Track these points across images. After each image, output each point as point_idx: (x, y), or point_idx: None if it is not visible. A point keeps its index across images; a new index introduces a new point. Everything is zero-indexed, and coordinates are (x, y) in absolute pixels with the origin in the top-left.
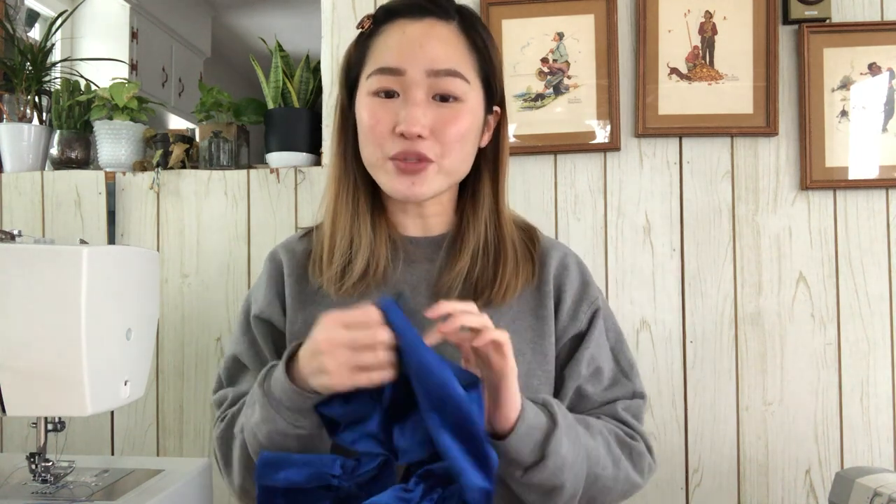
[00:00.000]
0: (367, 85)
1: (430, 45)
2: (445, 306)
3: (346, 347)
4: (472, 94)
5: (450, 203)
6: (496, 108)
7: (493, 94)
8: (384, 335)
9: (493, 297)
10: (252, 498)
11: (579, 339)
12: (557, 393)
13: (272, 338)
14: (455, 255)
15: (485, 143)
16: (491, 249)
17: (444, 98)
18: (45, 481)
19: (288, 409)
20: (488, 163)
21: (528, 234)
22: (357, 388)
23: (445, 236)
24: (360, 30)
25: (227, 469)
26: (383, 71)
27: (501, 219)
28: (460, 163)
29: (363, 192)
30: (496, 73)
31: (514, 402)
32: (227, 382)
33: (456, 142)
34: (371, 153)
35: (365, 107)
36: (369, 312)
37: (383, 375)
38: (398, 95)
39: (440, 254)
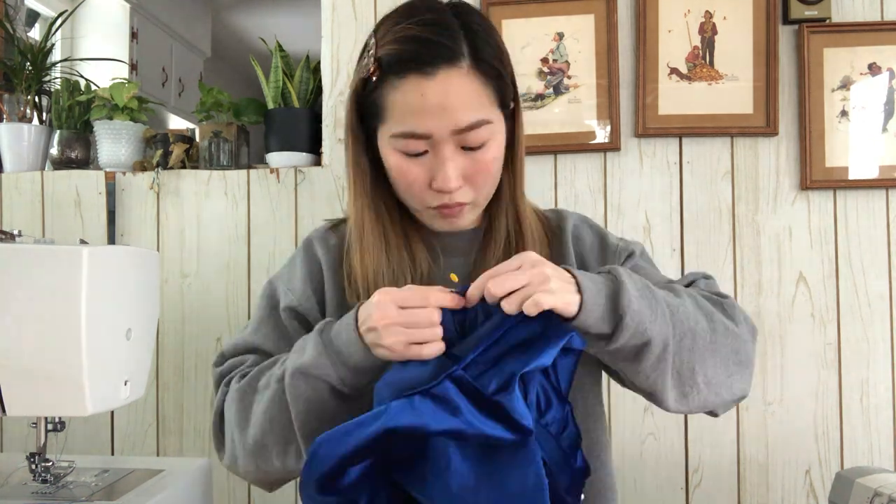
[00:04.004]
0: (391, 142)
1: (451, 104)
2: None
3: (401, 325)
4: (495, 128)
5: None
6: (511, 104)
7: (508, 105)
8: (437, 316)
9: None
10: (266, 456)
11: None
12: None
13: (305, 332)
14: (487, 249)
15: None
16: (513, 239)
17: (471, 147)
18: (45, 481)
19: (344, 363)
20: (505, 153)
21: (539, 216)
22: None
23: (476, 230)
24: (366, 76)
25: (243, 425)
26: (409, 136)
27: (519, 208)
28: (492, 190)
29: (388, 219)
30: (508, 84)
31: (569, 293)
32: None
33: (487, 180)
34: (410, 202)
35: (395, 165)
36: (426, 295)
37: (434, 350)
38: (426, 152)
39: (474, 248)
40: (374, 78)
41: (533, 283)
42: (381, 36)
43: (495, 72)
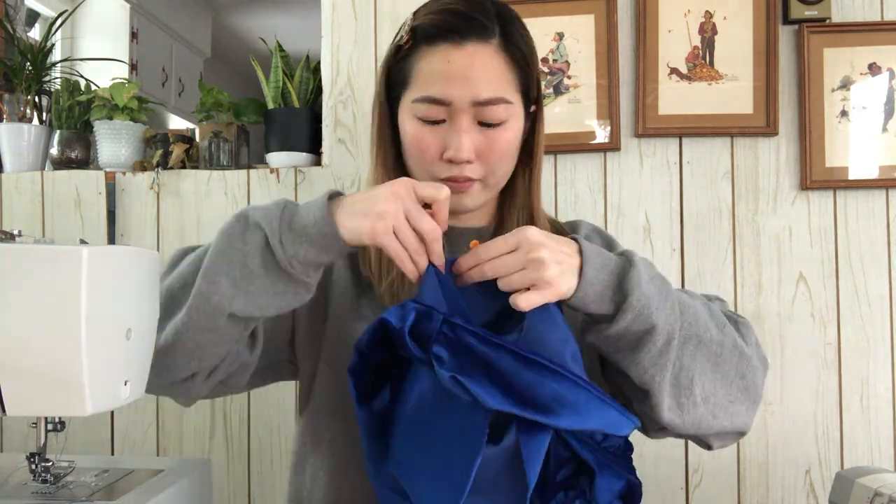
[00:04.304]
0: (411, 108)
1: (475, 75)
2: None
3: (405, 215)
4: (514, 111)
5: (490, 201)
6: (533, 107)
7: (531, 98)
8: (439, 233)
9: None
10: (171, 310)
11: None
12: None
13: None
14: None
15: (523, 137)
16: None
17: (488, 123)
18: (45, 481)
19: (293, 223)
20: (522, 157)
21: (555, 226)
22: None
23: (485, 229)
24: (399, 44)
25: (164, 277)
26: (429, 100)
27: (534, 213)
28: (504, 176)
29: None
30: (534, 79)
31: (567, 278)
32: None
33: (500, 161)
34: (419, 173)
35: (411, 131)
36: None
37: (409, 268)
38: (444, 121)
39: None
40: (407, 46)
41: (528, 269)
42: (419, 11)
43: (522, 58)
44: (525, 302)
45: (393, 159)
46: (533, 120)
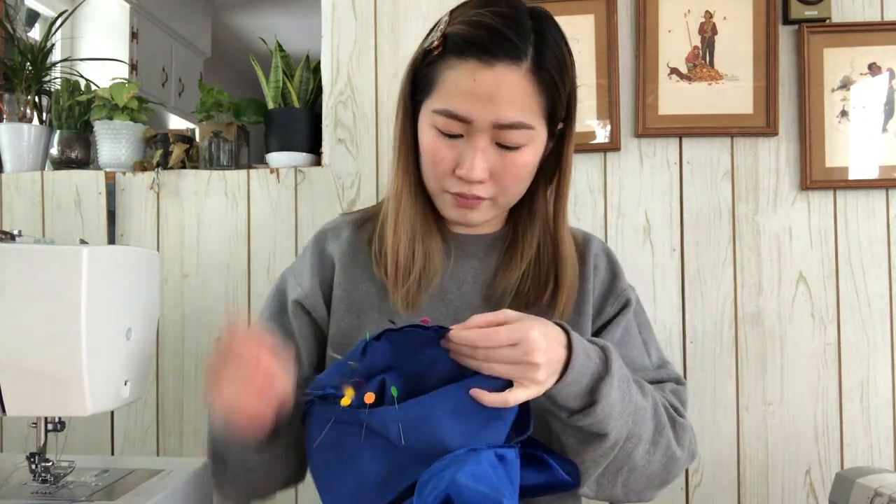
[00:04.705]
0: (431, 117)
1: (499, 98)
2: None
3: (230, 382)
4: (535, 135)
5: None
6: (560, 125)
7: (557, 121)
8: (264, 357)
9: (548, 308)
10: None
11: (604, 328)
12: None
13: (311, 329)
14: (511, 260)
15: (544, 155)
16: (545, 260)
17: (506, 145)
18: (45, 481)
19: (238, 444)
20: (546, 172)
21: (573, 237)
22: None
23: (495, 236)
24: (429, 48)
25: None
26: (449, 114)
27: (559, 230)
28: (516, 196)
29: (423, 198)
30: (563, 100)
31: (550, 378)
32: None
33: (512, 183)
34: (431, 182)
35: (428, 140)
36: (234, 336)
37: (283, 389)
38: (461, 136)
39: (494, 254)
40: (436, 52)
41: (521, 367)
42: (455, 16)
43: (552, 83)
44: (513, 399)
45: (413, 163)
46: (561, 137)
